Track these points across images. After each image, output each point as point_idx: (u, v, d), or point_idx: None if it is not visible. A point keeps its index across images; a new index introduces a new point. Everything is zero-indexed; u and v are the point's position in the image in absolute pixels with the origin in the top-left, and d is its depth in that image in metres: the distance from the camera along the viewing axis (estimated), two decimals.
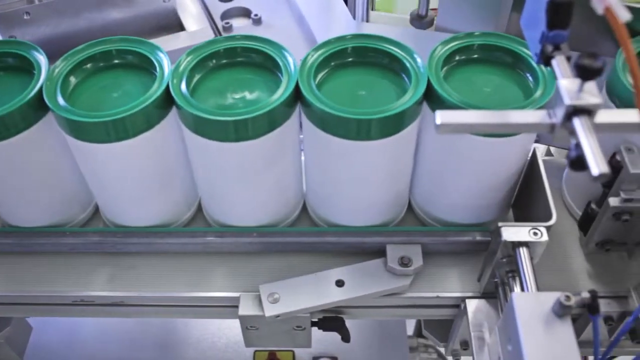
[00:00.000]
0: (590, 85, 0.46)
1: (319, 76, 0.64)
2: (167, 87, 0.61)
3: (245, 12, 0.99)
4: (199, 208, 0.76)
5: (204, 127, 0.61)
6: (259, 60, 0.65)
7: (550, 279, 0.71)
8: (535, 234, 0.61)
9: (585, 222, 0.70)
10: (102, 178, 0.68)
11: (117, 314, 0.74)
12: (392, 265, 0.68)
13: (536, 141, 0.83)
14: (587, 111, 0.46)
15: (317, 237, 0.70)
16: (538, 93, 0.61)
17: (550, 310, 0.55)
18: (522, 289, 0.60)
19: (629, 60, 0.44)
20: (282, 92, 0.61)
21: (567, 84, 0.47)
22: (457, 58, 0.65)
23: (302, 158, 0.71)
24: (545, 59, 0.51)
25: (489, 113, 0.49)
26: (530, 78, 0.64)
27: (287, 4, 0.99)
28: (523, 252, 0.61)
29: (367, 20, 0.74)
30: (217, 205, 0.72)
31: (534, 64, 0.63)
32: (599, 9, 0.45)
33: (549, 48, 0.51)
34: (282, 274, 0.69)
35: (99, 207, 0.75)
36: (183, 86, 0.62)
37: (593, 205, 0.69)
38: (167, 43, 0.94)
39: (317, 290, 0.68)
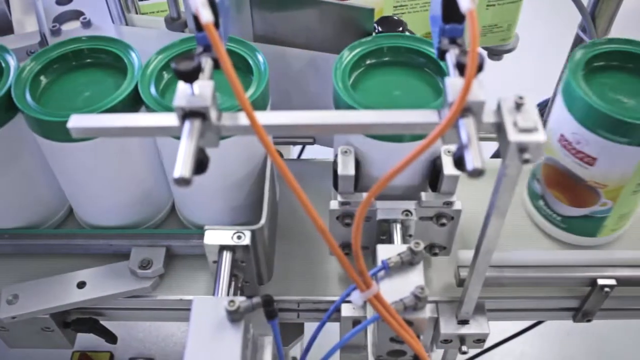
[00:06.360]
0: (203, 88, 0.46)
1: (43, 83, 0.64)
2: None
3: (79, 15, 1.00)
4: None
5: None
6: None
7: (304, 283, 0.71)
8: (239, 237, 0.61)
9: None
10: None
11: None
12: (133, 267, 0.68)
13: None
14: (200, 114, 0.46)
15: (66, 240, 0.71)
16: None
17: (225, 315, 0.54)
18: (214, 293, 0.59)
19: (221, 59, 0.44)
20: None
21: (181, 87, 0.46)
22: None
23: None
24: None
25: (120, 117, 0.49)
26: None
27: None
28: (226, 255, 0.61)
29: (126, 24, 0.74)
30: None
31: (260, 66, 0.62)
32: (192, 9, 0.45)
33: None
34: (36, 275, 0.70)
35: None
36: None
37: None
38: None
39: (58, 291, 0.68)
